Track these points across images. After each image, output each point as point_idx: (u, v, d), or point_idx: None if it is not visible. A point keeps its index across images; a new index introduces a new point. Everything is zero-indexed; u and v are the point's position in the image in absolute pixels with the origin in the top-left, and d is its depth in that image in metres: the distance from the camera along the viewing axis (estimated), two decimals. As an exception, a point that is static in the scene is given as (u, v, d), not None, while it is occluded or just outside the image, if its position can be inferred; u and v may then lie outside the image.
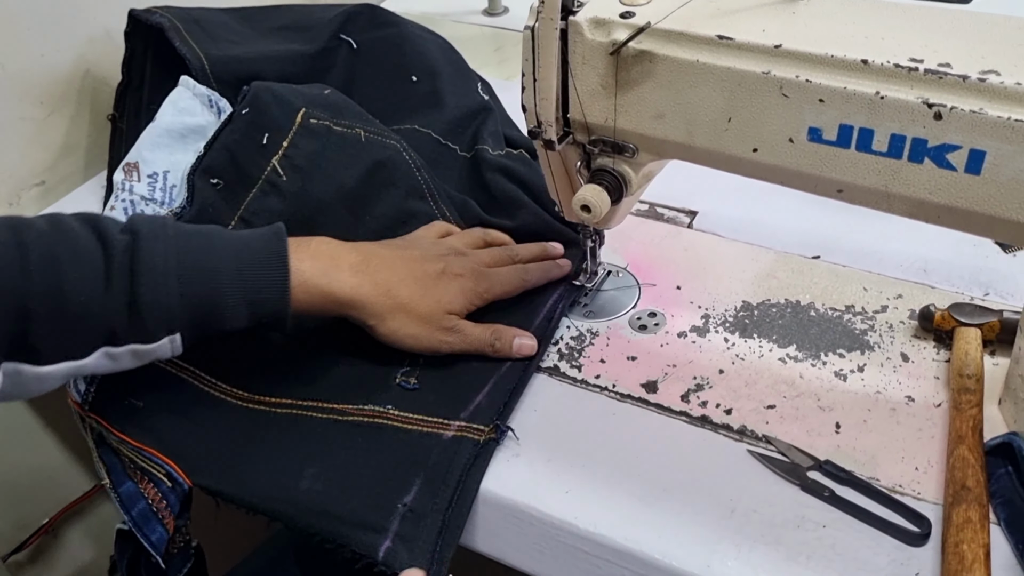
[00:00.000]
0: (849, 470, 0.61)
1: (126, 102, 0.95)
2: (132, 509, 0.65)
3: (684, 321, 0.74)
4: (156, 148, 0.82)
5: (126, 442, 0.67)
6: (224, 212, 0.75)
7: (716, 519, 0.59)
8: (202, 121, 0.84)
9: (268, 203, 0.75)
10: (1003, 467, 0.59)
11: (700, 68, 0.57)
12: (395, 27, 0.96)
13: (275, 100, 0.77)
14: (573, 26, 0.60)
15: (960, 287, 0.74)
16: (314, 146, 0.77)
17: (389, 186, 0.79)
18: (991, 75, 0.49)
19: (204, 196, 0.75)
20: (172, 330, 0.62)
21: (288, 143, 0.76)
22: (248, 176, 0.76)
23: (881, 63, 0.51)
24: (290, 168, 0.76)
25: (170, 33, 0.89)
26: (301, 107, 0.78)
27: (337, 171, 0.77)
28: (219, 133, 0.77)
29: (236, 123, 0.77)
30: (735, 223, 0.84)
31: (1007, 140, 0.49)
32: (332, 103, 0.80)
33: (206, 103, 0.85)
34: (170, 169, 0.81)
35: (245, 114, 0.77)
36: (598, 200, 0.64)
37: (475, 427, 0.65)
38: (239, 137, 0.76)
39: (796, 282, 0.77)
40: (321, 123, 0.78)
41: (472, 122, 0.88)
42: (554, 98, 0.62)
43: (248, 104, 0.77)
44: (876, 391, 0.67)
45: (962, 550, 0.53)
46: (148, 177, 0.80)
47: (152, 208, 0.78)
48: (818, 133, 0.54)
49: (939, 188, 0.52)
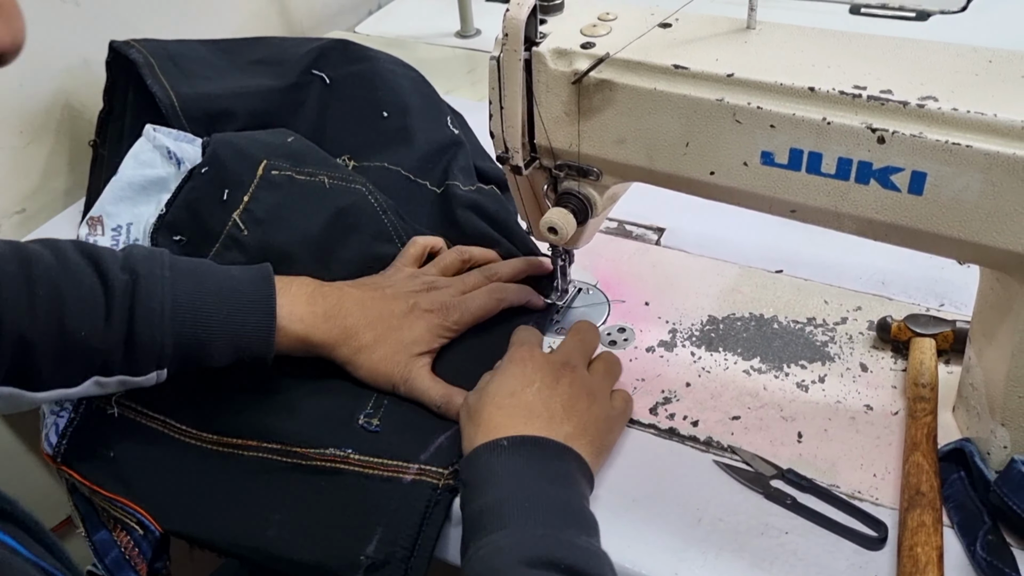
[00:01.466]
0: (810, 478, 0.63)
1: (108, 129, 0.97)
2: (106, 557, 0.68)
3: (652, 336, 0.77)
4: (119, 201, 0.84)
5: (98, 492, 0.68)
6: None
7: (683, 528, 0.62)
8: (162, 173, 0.85)
9: (230, 257, 0.76)
10: (956, 472, 0.62)
11: (658, 96, 0.59)
12: (368, 62, 0.97)
13: (235, 154, 0.79)
14: (537, 56, 0.62)
15: (917, 298, 0.77)
16: (276, 198, 0.78)
17: (353, 231, 0.79)
18: (930, 101, 0.52)
19: None
20: (161, 366, 0.66)
21: (249, 197, 0.78)
22: (210, 232, 0.77)
23: (827, 90, 0.54)
24: (252, 222, 0.77)
25: (143, 70, 0.91)
26: (262, 159, 0.79)
27: (300, 220, 0.78)
28: (179, 190, 0.79)
29: (195, 180, 0.79)
30: (701, 239, 0.86)
31: (946, 162, 0.51)
32: (295, 151, 0.82)
33: (165, 155, 0.86)
34: (133, 222, 0.83)
35: (204, 172, 0.78)
36: (564, 222, 0.66)
37: (434, 470, 0.65)
38: (199, 195, 0.78)
39: (760, 296, 0.79)
40: (283, 174, 0.79)
41: (443, 157, 0.89)
42: (520, 125, 0.64)
43: (207, 162, 0.79)
44: (836, 401, 0.69)
45: (916, 553, 0.56)
46: (112, 230, 0.82)
47: None
48: (770, 157, 0.57)
49: (885, 208, 0.55)
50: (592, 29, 0.63)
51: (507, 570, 0.52)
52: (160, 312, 0.64)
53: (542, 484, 0.58)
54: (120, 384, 0.66)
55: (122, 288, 0.64)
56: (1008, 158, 0.50)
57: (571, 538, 0.55)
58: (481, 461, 0.60)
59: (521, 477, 0.58)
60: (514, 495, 0.57)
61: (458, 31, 1.31)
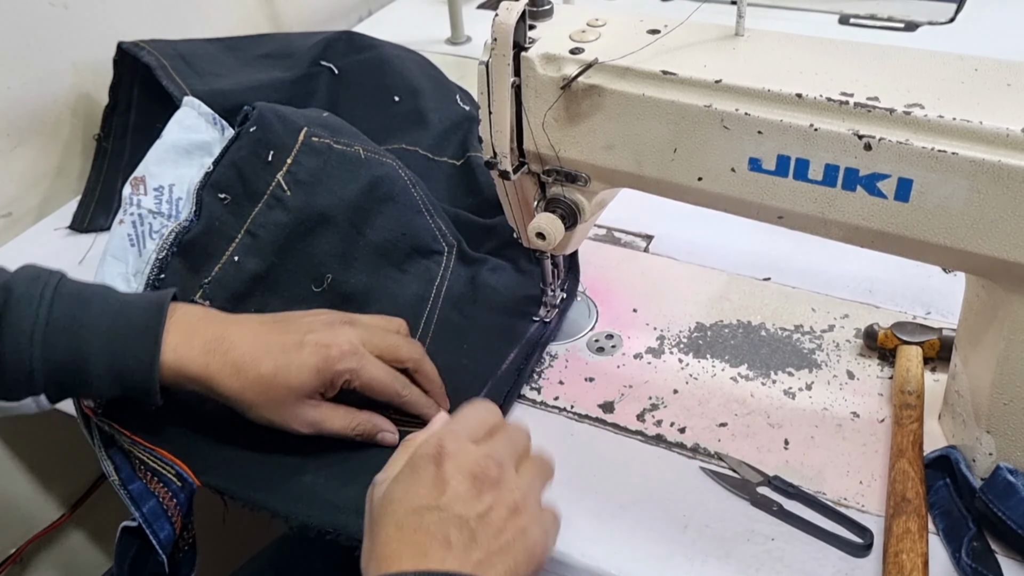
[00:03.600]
0: (797, 485, 0.63)
1: (112, 123, 0.99)
2: (143, 506, 0.66)
3: (640, 343, 0.77)
4: (162, 163, 0.84)
5: (138, 443, 0.68)
6: (231, 226, 0.77)
7: (670, 535, 0.61)
8: (206, 137, 0.87)
9: (274, 216, 0.77)
10: (942, 479, 0.62)
11: (646, 102, 0.59)
12: (374, 50, 0.99)
13: (278, 119, 0.80)
14: (525, 62, 0.62)
15: (904, 306, 0.77)
16: (316, 163, 0.79)
17: (388, 200, 0.81)
18: (916, 108, 0.52)
19: (212, 211, 0.78)
20: (34, 391, 0.62)
21: (291, 160, 0.79)
22: (254, 191, 0.78)
23: (814, 97, 0.54)
24: (294, 183, 0.78)
25: (158, 72, 0.93)
26: (303, 126, 0.80)
27: (339, 186, 0.79)
28: (226, 150, 0.80)
29: (243, 140, 0.80)
30: (690, 246, 0.87)
31: (932, 169, 0.52)
32: (331, 124, 0.83)
33: (210, 121, 0.88)
34: (175, 183, 0.83)
35: (252, 132, 0.80)
36: (552, 228, 0.66)
37: None
38: (245, 154, 0.79)
39: (748, 303, 0.79)
40: (322, 141, 0.80)
41: (458, 132, 0.92)
42: (508, 130, 0.64)
43: (255, 122, 0.80)
44: (823, 408, 0.69)
45: (902, 559, 0.56)
46: (154, 190, 0.82)
47: (160, 221, 0.80)
48: (758, 163, 0.57)
49: (871, 215, 0.55)
50: (581, 35, 0.63)
51: None
52: (29, 333, 0.60)
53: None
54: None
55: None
56: (993, 165, 0.50)
57: None
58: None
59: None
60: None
61: (448, 38, 1.31)
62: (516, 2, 0.60)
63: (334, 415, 0.66)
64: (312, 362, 0.63)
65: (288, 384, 0.63)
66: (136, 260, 0.77)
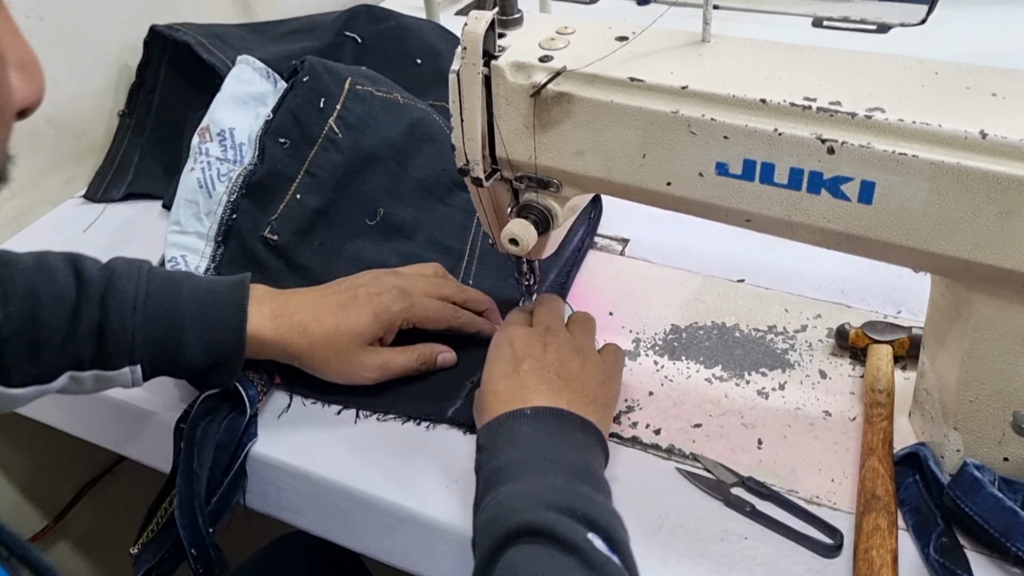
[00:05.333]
0: (770, 484, 0.64)
1: (137, 101, 1.08)
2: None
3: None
4: (223, 112, 0.91)
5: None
6: (292, 167, 0.86)
7: (645, 535, 0.62)
8: (261, 89, 0.94)
9: (329, 157, 0.86)
10: (911, 476, 0.63)
11: (615, 108, 0.60)
12: (393, 19, 1.08)
13: (326, 70, 0.89)
14: (495, 70, 0.63)
15: (875, 306, 0.78)
16: (363, 108, 0.89)
17: (428, 140, 0.90)
18: (877, 112, 0.53)
19: (274, 154, 0.86)
20: (134, 360, 0.67)
21: (340, 106, 0.88)
22: (310, 135, 0.87)
23: (778, 102, 0.55)
24: (344, 127, 0.87)
25: (197, 48, 1.01)
26: (348, 76, 0.90)
27: (383, 128, 0.88)
28: (283, 99, 0.88)
29: (297, 89, 0.88)
30: (665, 250, 0.87)
31: (893, 172, 0.53)
32: (370, 75, 0.93)
33: (264, 75, 0.96)
34: (236, 127, 0.90)
35: (306, 81, 0.88)
36: (525, 233, 0.67)
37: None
38: (300, 102, 0.87)
39: (722, 305, 0.80)
40: (365, 89, 0.90)
41: None
42: (480, 138, 0.65)
43: (307, 73, 0.89)
44: (796, 407, 0.70)
45: (871, 556, 0.57)
46: (218, 135, 0.89)
47: (226, 167, 0.87)
48: (725, 167, 0.58)
49: (836, 217, 0.56)
50: (550, 42, 0.64)
51: (526, 510, 0.54)
52: (132, 304, 0.66)
53: (564, 449, 0.59)
54: (95, 380, 0.67)
55: (96, 282, 0.66)
56: (953, 167, 0.51)
57: (589, 494, 0.56)
58: (503, 427, 0.61)
59: (542, 440, 0.60)
60: (535, 454, 0.58)
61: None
62: (485, 11, 0.61)
63: (395, 354, 0.74)
64: (368, 310, 0.72)
65: (350, 332, 0.71)
66: (207, 201, 0.85)
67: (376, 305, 0.72)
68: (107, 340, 0.65)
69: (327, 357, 0.71)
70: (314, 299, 0.72)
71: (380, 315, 0.72)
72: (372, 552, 0.71)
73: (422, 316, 0.74)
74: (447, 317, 0.76)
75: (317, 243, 0.85)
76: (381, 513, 0.67)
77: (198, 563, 0.68)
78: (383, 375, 0.73)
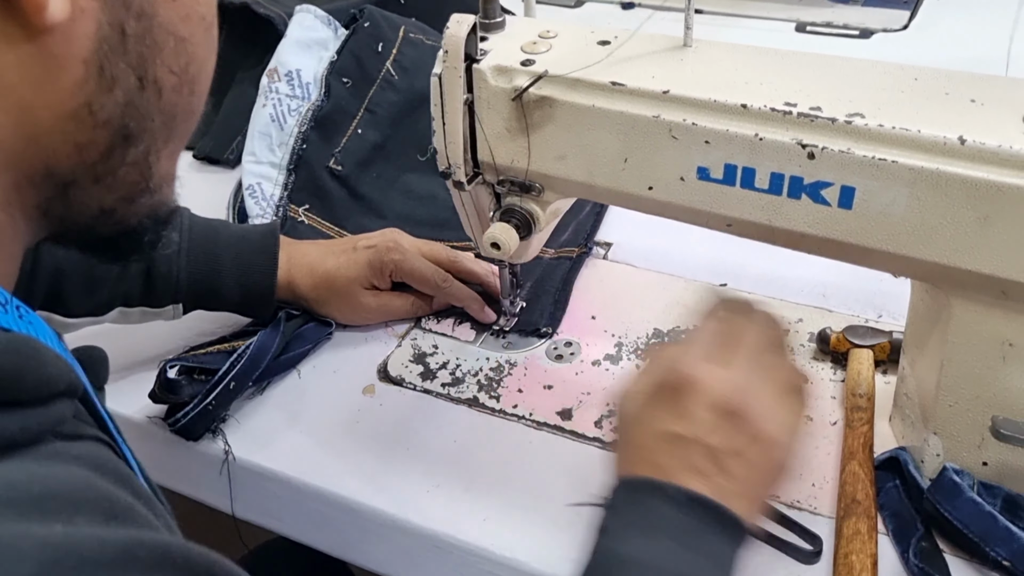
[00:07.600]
0: (751, 488, 0.64)
1: None
2: None
3: (598, 350, 0.77)
4: (289, 55, 0.99)
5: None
6: (353, 104, 0.96)
7: (626, 540, 0.62)
8: (322, 35, 1.02)
9: (386, 96, 0.97)
10: (892, 480, 0.63)
11: (596, 112, 0.60)
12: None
13: (383, 18, 1.00)
14: (477, 73, 0.63)
15: (856, 310, 0.79)
16: (415, 53, 0.99)
17: None
18: (856, 118, 0.53)
19: (337, 92, 0.95)
20: (177, 300, 0.76)
21: (396, 50, 0.98)
22: (369, 76, 0.97)
23: (759, 107, 0.55)
24: (400, 69, 0.98)
25: (253, 5, 1.08)
26: (402, 24, 1.00)
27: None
28: (345, 42, 0.98)
29: (359, 34, 0.98)
30: (648, 254, 0.87)
31: (873, 177, 0.53)
32: (420, 26, 1.03)
33: (325, 22, 1.03)
34: (302, 68, 0.98)
35: (366, 27, 0.98)
36: (507, 237, 0.67)
37: (567, 250, 0.86)
38: (361, 45, 0.98)
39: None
40: (417, 36, 1.01)
41: None
42: (462, 141, 0.65)
43: (367, 19, 0.99)
44: (777, 412, 0.70)
45: (851, 560, 0.57)
46: (286, 75, 0.97)
47: (296, 103, 0.96)
48: (706, 172, 0.58)
49: (816, 222, 0.56)
50: (532, 46, 0.64)
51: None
52: (176, 251, 0.74)
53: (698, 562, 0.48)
54: (141, 315, 0.75)
55: None
56: (932, 173, 0.51)
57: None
58: (640, 500, 0.50)
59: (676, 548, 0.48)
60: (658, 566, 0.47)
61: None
62: (467, 15, 0.61)
63: (392, 297, 0.81)
64: (364, 256, 0.79)
65: (348, 276, 0.79)
66: (279, 133, 0.94)
67: (371, 252, 0.79)
68: (154, 281, 0.74)
69: (328, 298, 0.79)
70: (321, 246, 0.81)
71: (372, 261, 0.79)
72: (352, 558, 0.71)
73: (409, 271, 0.80)
74: (433, 282, 0.80)
75: (375, 175, 0.94)
76: (362, 518, 0.67)
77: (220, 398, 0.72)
78: (383, 316, 0.81)
